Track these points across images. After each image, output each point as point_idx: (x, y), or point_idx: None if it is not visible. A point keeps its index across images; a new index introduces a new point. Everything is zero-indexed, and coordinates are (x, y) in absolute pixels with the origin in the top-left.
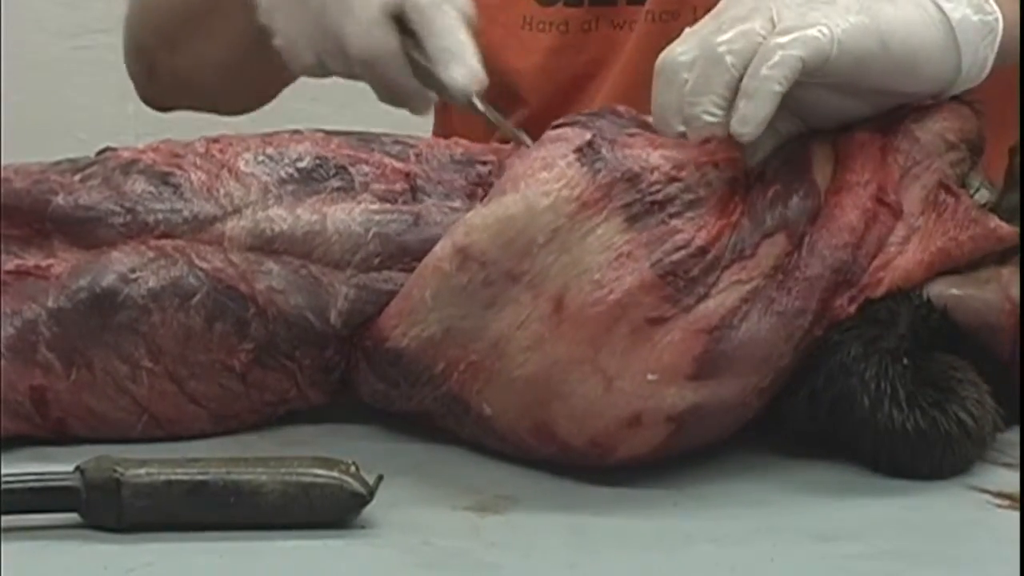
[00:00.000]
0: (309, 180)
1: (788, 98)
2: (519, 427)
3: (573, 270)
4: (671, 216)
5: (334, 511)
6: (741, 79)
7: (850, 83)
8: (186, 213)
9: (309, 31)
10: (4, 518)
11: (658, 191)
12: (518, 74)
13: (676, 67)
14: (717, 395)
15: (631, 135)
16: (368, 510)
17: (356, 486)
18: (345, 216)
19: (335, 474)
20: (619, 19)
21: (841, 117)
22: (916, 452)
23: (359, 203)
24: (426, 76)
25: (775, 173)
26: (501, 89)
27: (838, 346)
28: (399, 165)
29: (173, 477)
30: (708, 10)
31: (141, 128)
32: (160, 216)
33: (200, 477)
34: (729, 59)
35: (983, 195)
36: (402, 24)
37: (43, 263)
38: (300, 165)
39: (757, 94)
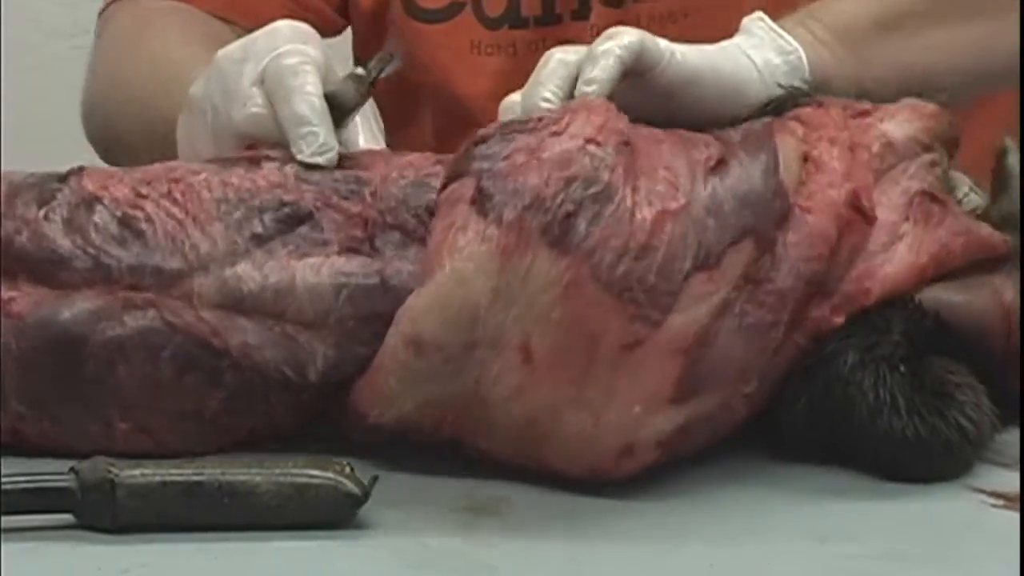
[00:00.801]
0: (274, 230)
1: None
2: (516, 459)
3: (528, 317)
4: (591, 223)
5: (329, 512)
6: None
7: (683, 106)
8: (152, 266)
9: (209, 141)
10: (1, 519)
11: (563, 203)
12: (469, 99)
13: (510, 104)
14: (701, 410)
15: (509, 155)
16: (363, 511)
17: (351, 487)
18: (314, 276)
19: (330, 475)
20: (565, 36)
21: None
22: (916, 458)
23: (326, 256)
24: None
25: (739, 170)
26: (452, 113)
27: (834, 355)
28: (356, 209)
29: (168, 478)
30: (651, 19)
31: None
32: (125, 266)
33: (195, 478)
34: (571, 59)
35: (972, 200)
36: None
37: (5, 295)
38: (265, 215)
39: (600, 58)
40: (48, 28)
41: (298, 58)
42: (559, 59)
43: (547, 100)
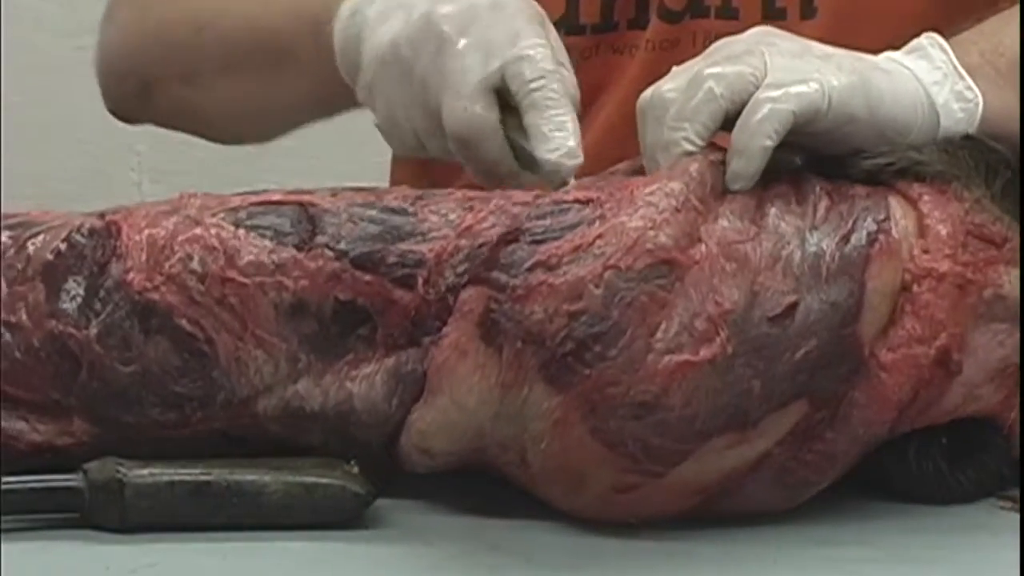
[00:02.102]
0: (332, 338)
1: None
2: None
3: (525, 436)
4: (590, 365)
5: (337, 512)
6: (727, 113)
7: (831, 141)
8: (221, 398)
9: (410, 109)
10: (6, 518)
11: (563, 340)
12: None
13: (663, 103)
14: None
15: (529, 267)
16: (371, 511)
17: (359, 487)
18: (368, 390)
19: (338, 475)
20: (619, 44)
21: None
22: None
23: (378, 361)
24: (523, 154)
25: (809, 317)
26: None
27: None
28: (407, 300)
29: (176, 478)
30: (707, 38)
31: (139, 128)
32: (196, 400)
33: (203, 477)
34: (718, 90)
35: None
36: (503, 98)
37: (59, 441)
38: (322, 320)
39: (747, 151)
40: (49, 28)
41: (547, 67)
42: (710, 92)
43: (690, 142)
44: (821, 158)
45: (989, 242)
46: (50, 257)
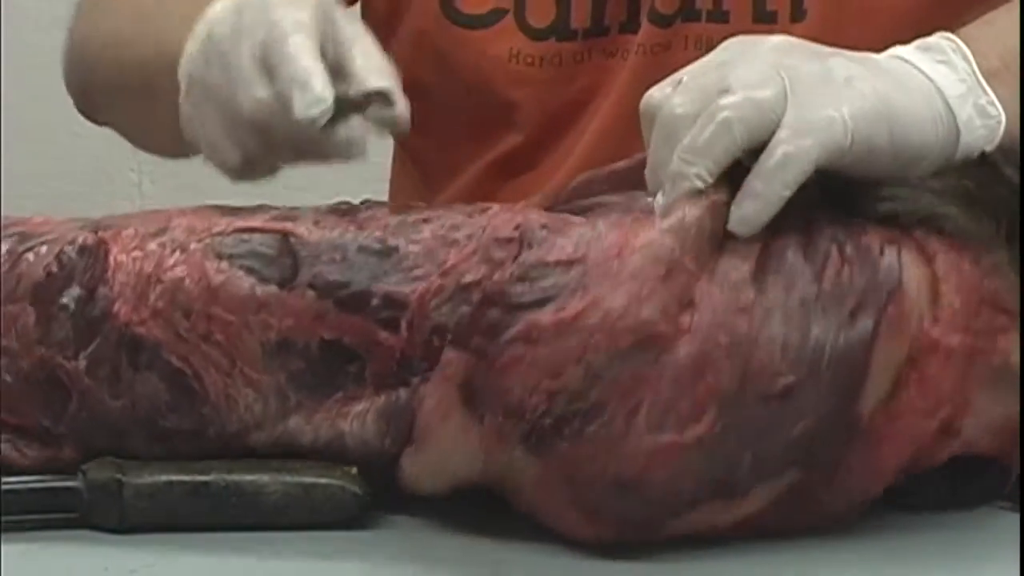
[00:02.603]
0: (320, 376)
1: None
2: None
3: (512, 488)
4: (570, 440)
5: (336, 512)
6: (742, 151)
7: (850, 173)
8: (211, 432)
9: (220, 124)
10: (6, 518)
11: (543, 415)
12: (510, 105)
13: (675, 122)
14: None
15: (509, 339)
16: (370, 511)
17: (358, 487)
18: (360, 429)
19: (337, 475)
20: (612, 48)
21: None
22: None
23: (368, 401)
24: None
25: (807, 398)
26: (493, 117)
27: None
28: (392, 342)
29: (175, 478)
30: (698, 41)
31: None
32: (186, 434)
33: (202, 478)
34: (736, 127)
35: None
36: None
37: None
38: (310, 359)
39: (763, 197)
40: (49, 27)
41: (291, 24)
42: (726, 125)
43: (701, 179)
44: (835, 188)
45: (1002, 311)
46: (41, 276)
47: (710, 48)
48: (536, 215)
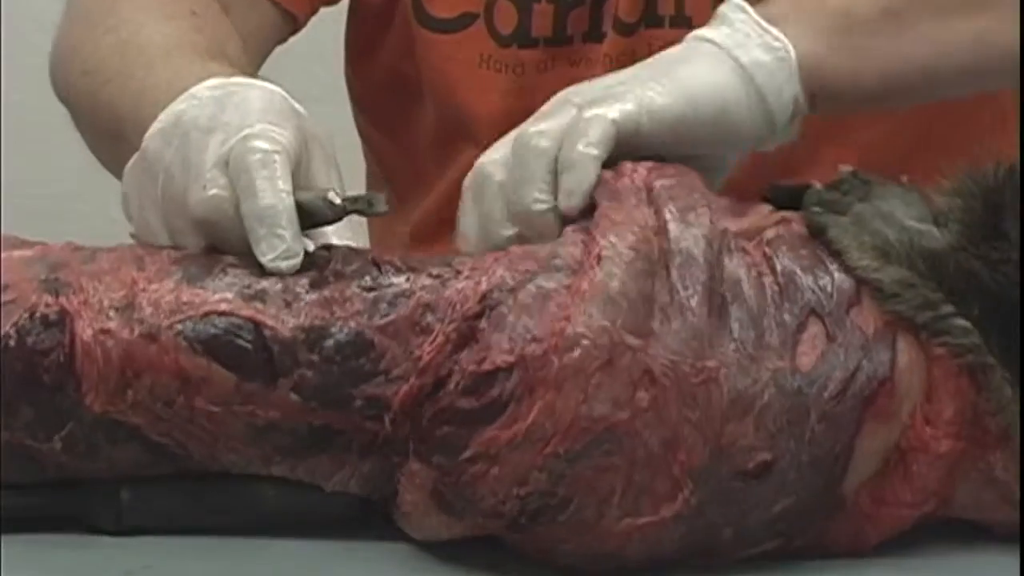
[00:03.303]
0: (307, 446)
1: None
2: None
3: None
4: (547, 527)
5: (337, 512)
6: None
7: (667, 152)
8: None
9: (159, 206)
10: (4, 520)
11: (520, 514)
12: (474, 116)
13: (484, 175)
14: None
15: (468, 458)
16: (368, 513)
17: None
18: (341, 487)
19: None
20: (575, 57)
21: None
22: None
23: (351, 467)
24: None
25: (786, 476)
26: (456, 127)
27: None
28: (378, 427)
29: (173, 480)
30: (663, 48)
31: None
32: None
33: (200, 480)
34: (544, 143)
35: None
36: None
37: None
38: (297, 437)
39: (577, 164)
40: (49, 27)
41: (268, 145)
42: (537, 149)
43: (540, 202)
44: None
45: (989, 432)
46: None
47: None
48: (501, 272)
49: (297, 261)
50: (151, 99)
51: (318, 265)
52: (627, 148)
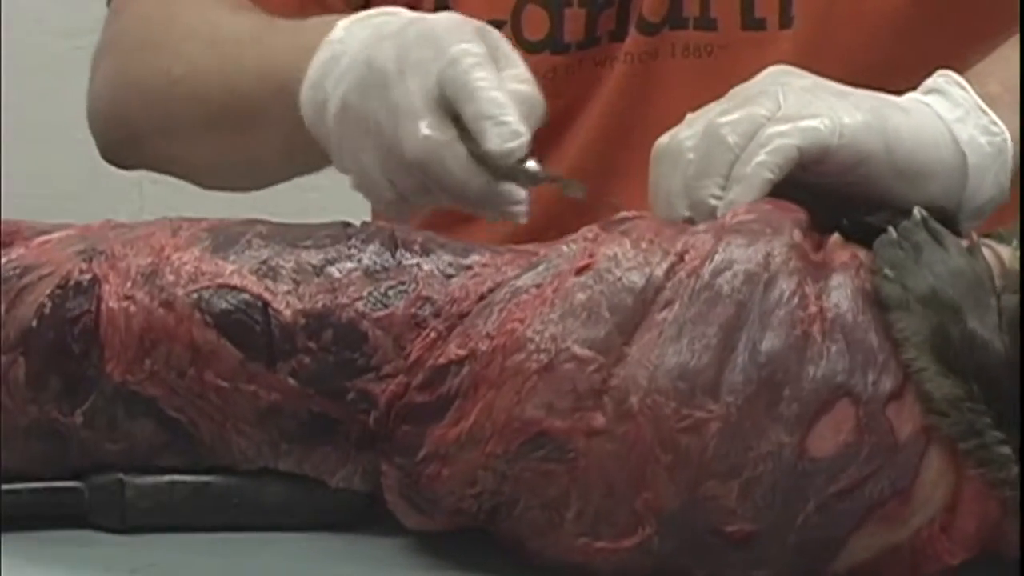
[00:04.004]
0: (312, 432)
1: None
2: None
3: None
4: (507, 522)
5: (337, 512)
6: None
7: (847, 183)
8: (205, 467)
9: (376, 156)
10: (6, 518)
11: (479, 510)
12: None
13: (680, 150)
14: None
15: (421, 459)
16: (370, 511)
17: (360, 487)
18: (346, 484)
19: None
20: (600, 56)
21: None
22: None
23: (353, 463)
24: (486, 164)
25: (767, 553)
26: None
27: None
28: (366, 422)
29: (176, 479)
30: (686, 49)
31: None
32: (181, 469)
33: (203, 478)
34: (731, 139)
35: None
36: (452, 113)
37: None
38: (299, 423)
39: (747, 180)
40: (49, 28)
41: (472, 59)
42: (723, 142)
43: (715, 197)
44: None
45: (1005, 548)
46: (32, 321)
47: (697, 56)
48: (511, 270)
49: (523, 142)
50: (283, 64)
51: (338, 240)
52: (808, 169)
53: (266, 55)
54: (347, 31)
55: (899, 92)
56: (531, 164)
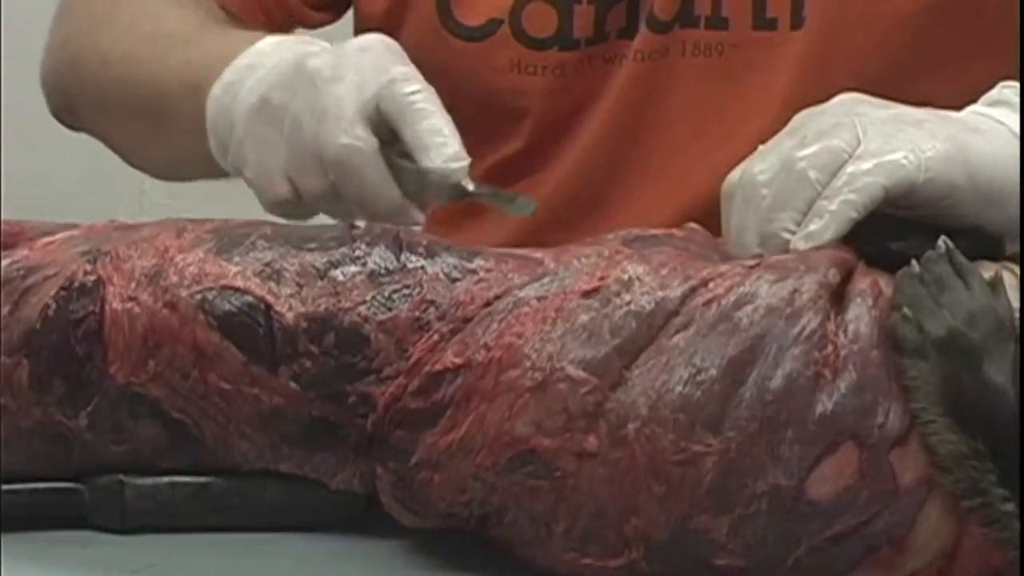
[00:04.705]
0: (313, 436)
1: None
2: None
3: None
4: (497, 529)
5: (337, 512)
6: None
7: (933, 215)
8: (208, 469)
9: (282, 154)
10: (6, 519)
11: (470, 518)
12: (511, 113)
13: (755, 185)
14: None
15: (414, 463)
16: (371, 511)
17: (359, 487)
18: (345, 486)
19: None
20: (610, 53)
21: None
22: None
23: (352, 466)
24: (409, 179)
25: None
26: (496, 124)
27: None
28: (363, 425)
29: (176, 479)
30: (696, 48)
31: None
32: (184, 471)
33: (203, 479)
34: (812, 174)
35: None
36: (380, 127)
37: None
38: (300, 427)
39: (830, 216)
40: (48, 27)
41: (415, 82)
42: (804, 176)
43: (789, 231)
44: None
45: None
46: (36, 322)
47: (707, 55)
48: (517, 277)
49: (465, 165)
50: (202, 66)
51: (343, 243)
52: (892, 204)
53: (190, 57)
54: (273, 45)
55: (909, 95)
56: (470, 184)
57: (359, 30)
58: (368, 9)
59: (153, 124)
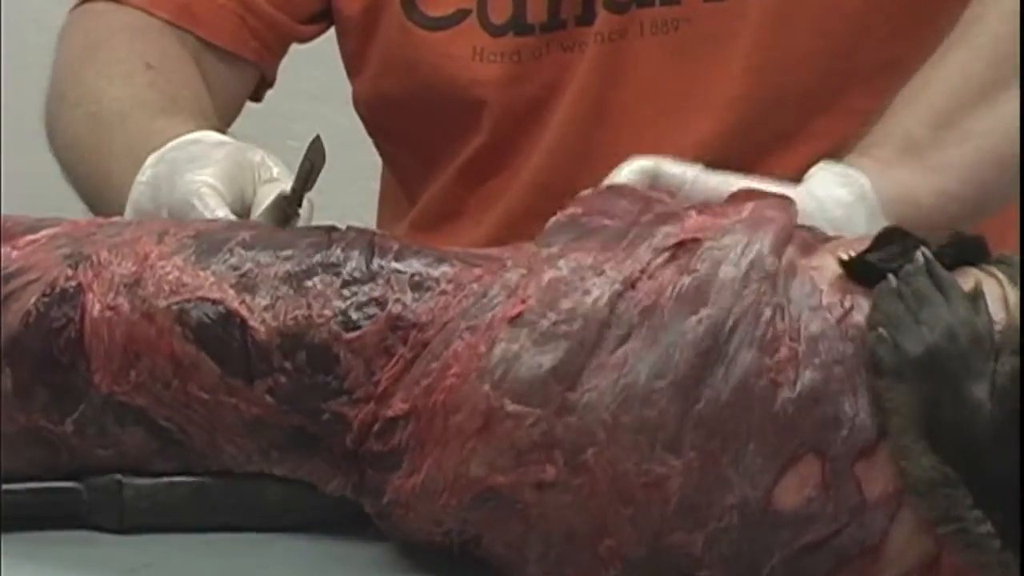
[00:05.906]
0: (299, 443)
1: None
2: None
3: None
4: (481, 551)
5: (337, 512)
6: None
7: None
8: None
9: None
10: (5, 519)
11: (451, 545)
12: (473, 105)
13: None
14: None
15: (390, 504)
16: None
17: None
18: (340, 492)
19: None
20: (569, 42)
21: None
22: None
23: (344, 475)
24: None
25: None
26: (457, 118)
27: None
28: (344, 441)
29: (175, 479)
30: (654, 26)
31: None
32: (174, 473)
33: (202, 479)
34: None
35: None
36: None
37: None
38: (284, 433)
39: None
40: (48, 28)
41: (196, 185)
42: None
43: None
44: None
45: None
46: (18, 329)
47: (665, 31)
48: (477, 287)
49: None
50: (116, 171)
51: (320, 248)
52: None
53: (113, 156)
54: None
55: (873, 55)
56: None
57: (340, 34)
58: (347, 11)
59: (94, 198)
